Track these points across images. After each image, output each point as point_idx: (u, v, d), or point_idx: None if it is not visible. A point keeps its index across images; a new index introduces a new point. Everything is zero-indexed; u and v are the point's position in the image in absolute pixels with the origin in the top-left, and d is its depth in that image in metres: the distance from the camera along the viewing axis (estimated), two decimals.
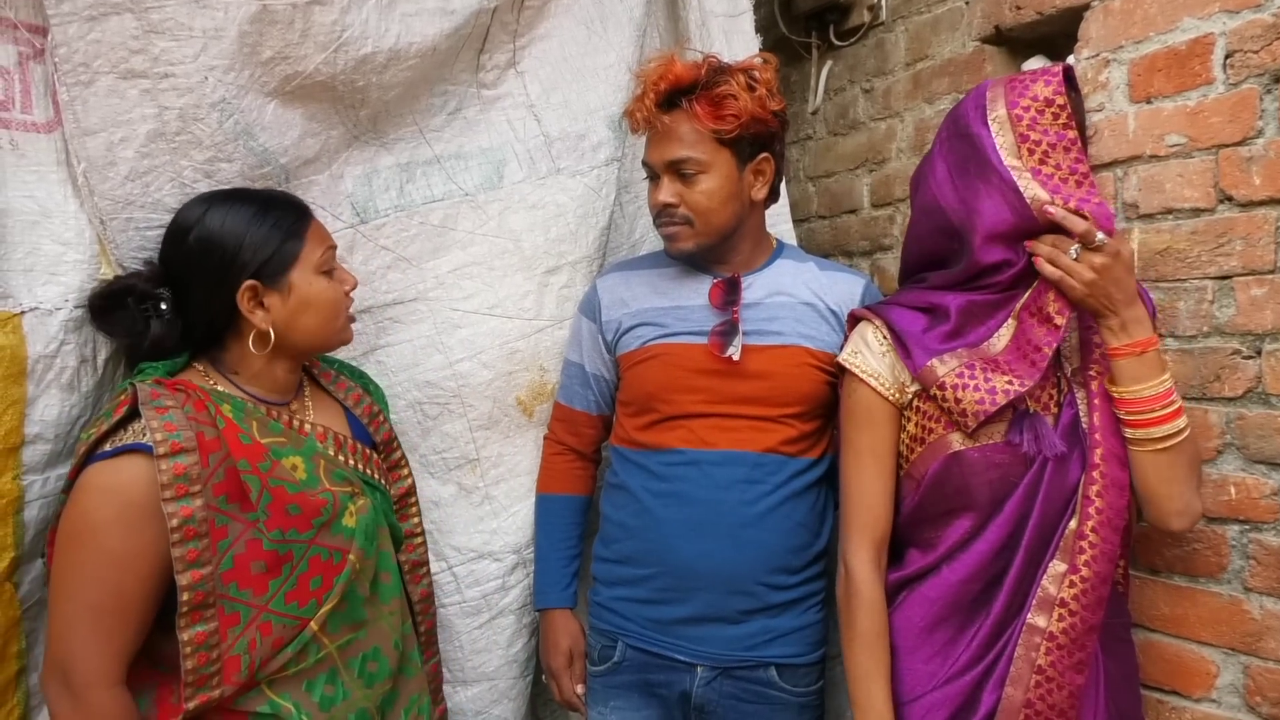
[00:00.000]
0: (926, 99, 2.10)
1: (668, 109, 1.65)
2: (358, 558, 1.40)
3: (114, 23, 1.40)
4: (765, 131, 1.68)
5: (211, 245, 1.38)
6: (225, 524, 1.27)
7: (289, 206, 1.46)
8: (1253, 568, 1.44)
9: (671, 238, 1.71)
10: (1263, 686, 1.43)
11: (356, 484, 1.46)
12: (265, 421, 1.40)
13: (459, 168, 1.87)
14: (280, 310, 1.41)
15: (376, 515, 1.48)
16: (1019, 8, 1.84)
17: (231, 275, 1.38)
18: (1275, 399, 1.41)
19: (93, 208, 1.44)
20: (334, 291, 1.47)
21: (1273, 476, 1.42)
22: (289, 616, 1.32)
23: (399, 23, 1.67)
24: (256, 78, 1.54)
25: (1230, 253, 1.47)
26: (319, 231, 1.47)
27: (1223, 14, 1.46)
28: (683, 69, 1.64)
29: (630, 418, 1.78)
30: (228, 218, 1.39)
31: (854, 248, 2.34)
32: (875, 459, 1.55)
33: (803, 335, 1.71)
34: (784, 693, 1.71)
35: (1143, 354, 1.37)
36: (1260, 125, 1.42)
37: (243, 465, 1.29)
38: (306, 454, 1.40)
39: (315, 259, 1.44)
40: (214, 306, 1.39)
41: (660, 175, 1.68)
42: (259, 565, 1.29)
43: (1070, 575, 1.38)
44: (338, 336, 1.51)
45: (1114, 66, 1.63)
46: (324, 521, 1.37)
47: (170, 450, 1.23)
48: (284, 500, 1.32)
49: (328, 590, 1.36)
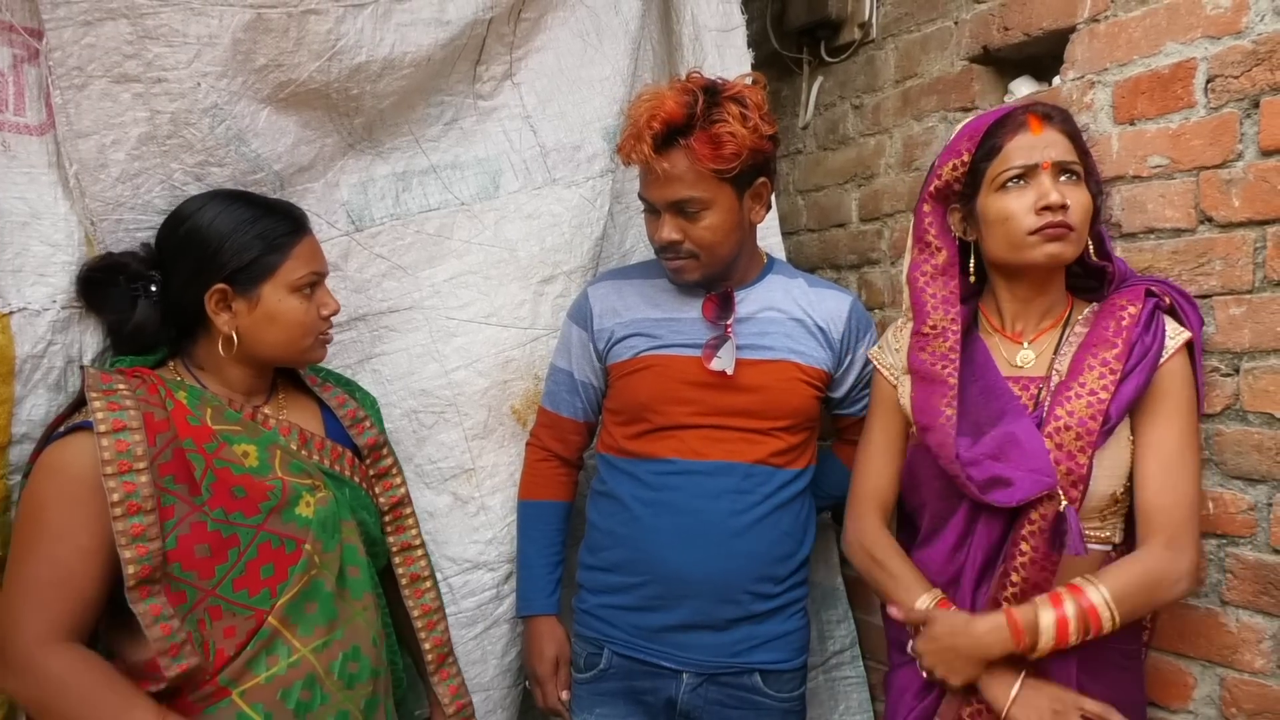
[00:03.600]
0: (915, 116, 2.12)
1: (664, 149, 1.60)
2: (315, 549, 1.39)
3: (109, 28, 1.42)
4: (763, 158, 1.67)
5: (196, 240, 1.41)
6: (171, 504, 1.28)
7: (284, 219, 1.46)
8: (1230, 581, 1.47)
9: (678, 271, 1.71)
10: (1238, 698, 1.45)
11: (317, 476, 1.45)
12: (221, 409, 1.41)
13: (455, 177, 1.88)
14: (244, 318, 1.42)
15: (338, 508, 1.46)
16: (1006, 29, 1.87)
17: (206, 274, 1.40)
18: (1252, 416, 1.44)
19: (83, 209, 1.45)
20: (305, 313, 1.45)
21: (1249, 492, 1.45)
22: (239, 605, 1.31)
23: (394, 32, 1.68)
24: (250, 84, 1.55)
25: (1210, 272, 1.50)
26: (308, 251, 1.47)
27: (1205, 39, 1.50)
28: (675, 105, 1.58)
29: (620, 426, 1.79)
30: (220, 216, 1.41)
31: (842, 261, 2.36)
32: (884, 437, 1.64)
33: (792, 350, 1.73)
34: (768, 698, 1.73)
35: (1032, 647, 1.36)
36: (1240, 149, 1.45)
37: (188, 445, 1.31)
38: (262, 443, 1.41)
39: (293, 277, 1.43)
40: (187, 299, 1.41)
41: (662, 213, 1.66)
42: (203, 548, 1.29)
43: (1004, 593, 1.42)
44: (303, 355, 1.50)
45: (1099, 88, 1.66)
46: (272, 506, 1.35)
47: (112, 428, 1.25)
48: (229, 482, 1.33)
49: (283, 580, 1.34)
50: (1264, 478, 1.43)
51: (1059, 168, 1.41)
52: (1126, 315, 1.42)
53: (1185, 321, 1.45)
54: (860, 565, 1.62)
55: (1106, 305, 1.47)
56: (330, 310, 1.50)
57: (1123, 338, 1.40)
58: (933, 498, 1.54)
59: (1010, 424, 1.43)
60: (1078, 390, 1.40)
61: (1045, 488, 1.37)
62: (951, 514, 1.51)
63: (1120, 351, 1.39)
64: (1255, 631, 1.43)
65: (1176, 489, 1.38)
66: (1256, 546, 1.44)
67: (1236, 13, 1.45)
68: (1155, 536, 1.37)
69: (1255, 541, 1.44)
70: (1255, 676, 1.43)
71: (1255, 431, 1.44)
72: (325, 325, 1.51)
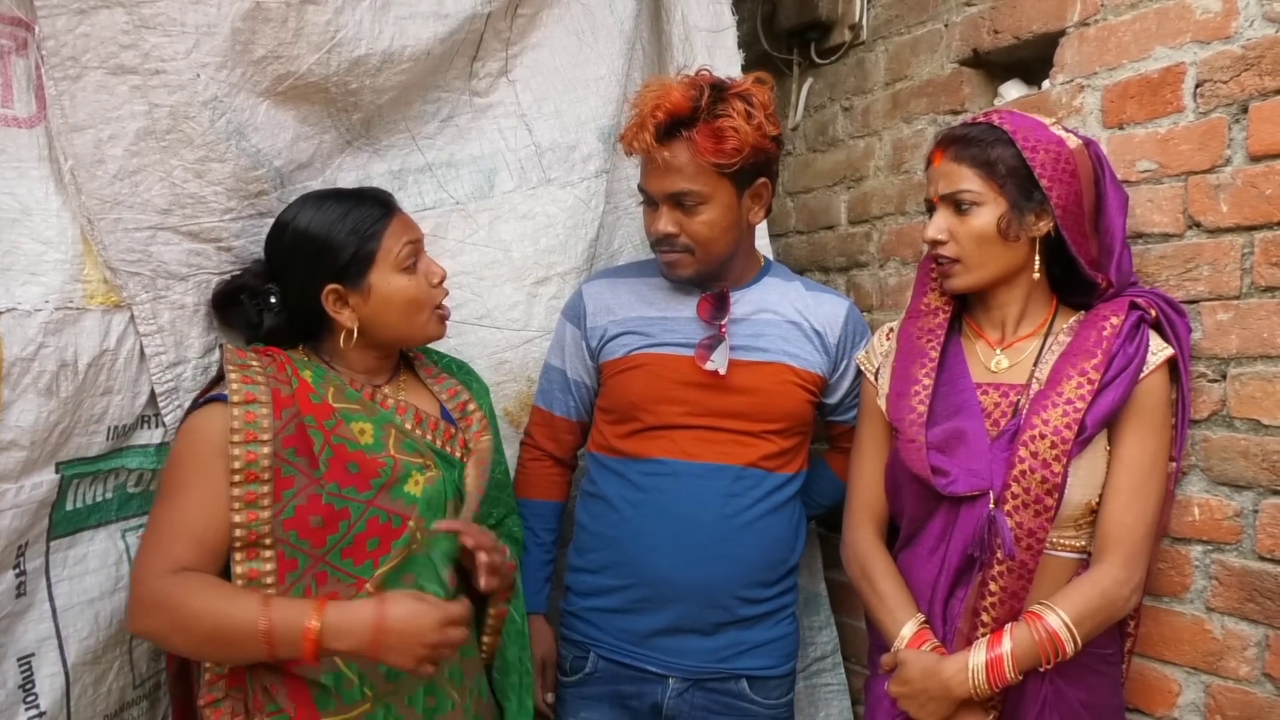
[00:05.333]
0: (905, 118, 2.12)
1: (666, 139, 1.60)
2: (418, 525, 1.44)
3: (104, 16, 1.39)
4: (764, 158, 1.66)
5: (299, 247, 1.48)
6: (291, 474, 1.37)
7: (373, 206, 1.51)
8: (1215, 588, 1.47)
9: (672, 265, 1.71)
10: (1223, 705, 1.46)
11: (429, 456, 1.51)
12: (343, 389, 1.48)
13: (450, 176, 1.87)
14: (363, 309, 1.48)
15: (445, 487, 1.50)
16: (996, 32, 1.87)
17: (316, 277, 1.47)
18: (1239, 422, 1.45)
19: (79, 206, 1.41)
20: (416, 287, 1.50)
21: (1235, 499, 1.45)
22: (344, 572, 1.39)
23: (393, 25, 1.67)
24: (249, 76, 1.53)
25: (1198, 278, 1.50)
26: (399, 227, 1.51)
27: (1194, 44, 1.50)
28: (680, 97, 1.58)
29: (610, 425, 1.78)
30: (314, 219, 1.47)
31: (831, 264, 2.36)
32: (874, 445, 1.66)
33: (787, 353, 1.73)
34: (754, 705, 1.72)
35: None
36: (1228, 154, 1.46)
37: (309, 420, 1.40)
38: (378, 422, 1.48)
39: (393, 257, 1.48)
40: (307, 302, 1.49)
41: (659, 204, 1.66)
42: (317, 519, 1.37)
43: (983, 602, 1.44)
44: (422, 331, 1.55)
45: (1088, 92, 1.66)
46: (382, 483, 1.42)
47: (244, 400, 1.37)
48: (344, 458, 1.41)
49: (384, 553, 1.41)
50: (1250, 484, 1.43)
51: (947, 201, 1.48)
52: (1108, 326, 1.44)
53: (1172, 333, 1.47)
54: (852, 577, 1.65)
55: (1091, 315, 1.49)
56: (438, 277, 1.55)
57: (1102, 348, 1.42)
58: (911, 500, 1.55)
59: (963, 420, 1.48)
60: (1054, 399, 1.42)
61: (977, 487, 1.43)
62: (929, 517, 1.52)
63: (1099, 362, 1.41)
64: (1240, 638, 1.44)
65: (1142, 508, 1.42)
66: (1242, 553, 1.44)
67: (1226, 18, 1.46)
68: (1113, 553, 1.42)
69: (1241, 548, 1.44)
70: (1240, 684, 1.44)
71: (1241, 438, 1.44)
72: (439, 294, 1.55)
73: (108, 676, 1.48)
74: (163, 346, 1.50)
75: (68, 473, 1.40)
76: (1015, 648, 1.38)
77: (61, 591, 1.42)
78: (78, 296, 1.42)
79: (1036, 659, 1.38)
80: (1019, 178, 1.44)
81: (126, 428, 1.49)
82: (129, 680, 1.52)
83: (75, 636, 1.43)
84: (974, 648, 1.41)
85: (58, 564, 1.42)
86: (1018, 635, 1.39)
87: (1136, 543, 1.42)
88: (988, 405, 1.51)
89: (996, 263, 1.49)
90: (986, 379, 1.53)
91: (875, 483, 1.64)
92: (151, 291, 1.48)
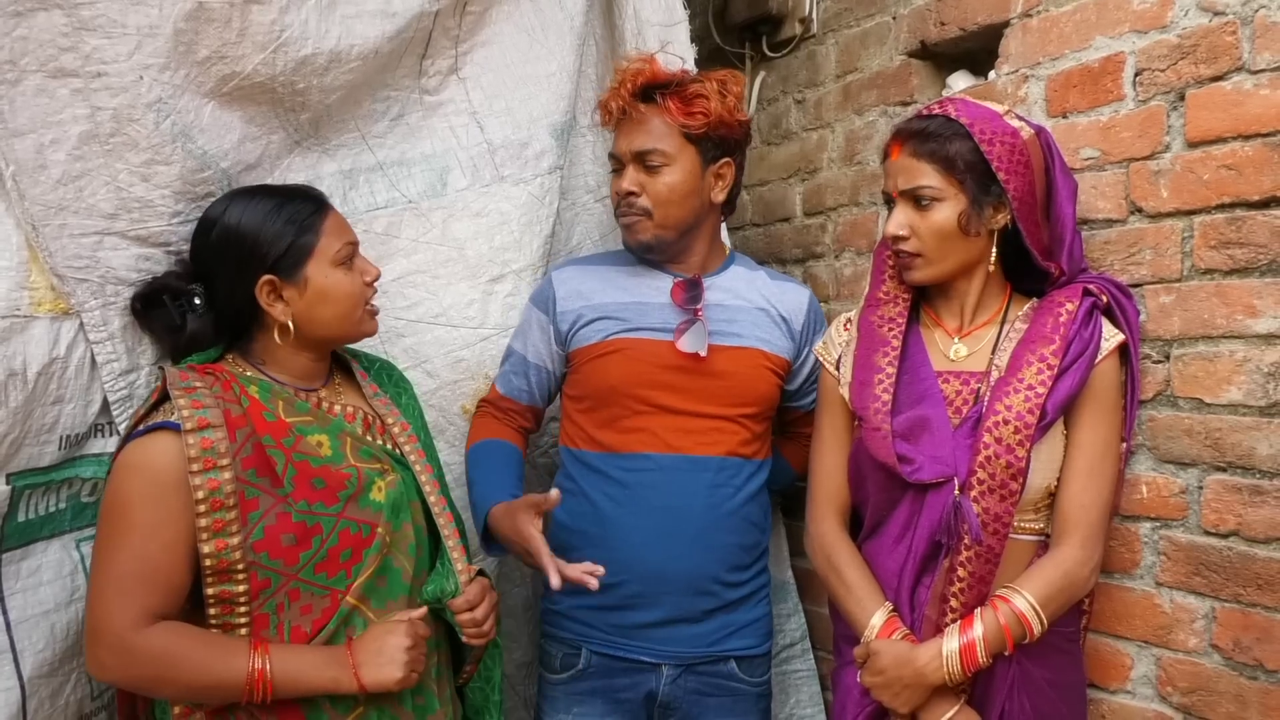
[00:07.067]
0: (856, 110, 2.15)
1: (642, 100, 1.72)
2: (385, 530, 1.44)
3: (41, 19, 1.36)
4: (730, 137, 1.76)
5: (231, 241, 1.43)
6: (255, 496, 1.34)
7: (306, 200, 1.49)
8: (1163, 563, 1.51)
9: (630, 228, 1.75)
10: (1173, 677, 1.50)
11: (385, 460, 1.50)
12: (292, 401, 1.45)
13: (402, 175, 1.86)
14: (298, 303, 1.45)
15: (406, 490, 1.51)
16: (943, 24, 1.89)
17: (250, 270, 1.43)
18: (1183, 402, 1.48)
19: (23, 213, 1.38)
20: (351, 284, 1.49)
21: (1180, 476, 1.49)
22: (318, 586, 1.38)
23: (340, 24, 1.65)
24: (193, 77, 1.51)
25: (1141, 262, 1.54)
26: (336, 224, 1.50)
27: (1132, 33, 1.53)
28: (660, 69, 1.74)
29: (585, 414, 1.78)
30: (246, 212, 1.44)
31: (787, 255, 2.38)
32: (834, 436, 1.66)
33: (760, 339, 1.77)
34: (743, 683, 1.77)
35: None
36: (1167, 140, 1.49)
37: (267, 441, 1.36)
38: (333, 432, 1.45)
39: (331, 252, 1.46)
40: (237, 299, 1.44)
41: (626, 165, 1.73)
42: (289, 537, 1.35)
43: (951, 588, 1.46)
44: (357, 328, 1.53)
45: (1032, 82, 1.69)
46: (350, 495, 1.41)
47: (197, 425, 1.31)
48: (309, 474, 1.38)
49: (357, 562, 1.41)
50: (1194, 461, 1.47)
51: (906, 196, 1.50)
52: (1064, 312, 1.47)
53: (1123, 318, 1.50)
54: (819, 568, 1.66)
55: (1045, 302, 1.52)
56: (373, 276, 1.54)
57: (1060, 334, 1.45)
58: (875, 489, 1.57)
59: (926, 408, 1.50)
60: (1016, 385, 1.44)
61: (942, 474, 1.45)
62: (894, 505, 1.54)
63: (1058, 348, 1.44)
64: (1188, 611, 1.48)
65: (1098, 490, 1.46)
66: (1188, 529, 1.48)
67: (1162, 7, 1.49)
68: (1072, 535, 1.45)
69: (1187, 524, 1.48)
70: (1189, 655, 1.48)
71: (1185, 416, 1.48)
72: (371, 293, 1.54)
73: (65, 689, 1.46)
74: (114, 354, 1.48)
75: (19, 484, 1.38)
76: (987, 632, 1.40)
77: (16, 604, 1.40)
78: (24, 304, 1.39)
79: (1005, 642, 1.40)
80: (977, 173, 1.46)
81: (79, 436, 1.47)
82: (86, 692, 1.50)
83: (31, 649, 1.40)
84: (946, 634, 1.43)
85: (11, 576, 1.40)
86: (988, 619, 1.41)
87: (1094, 524, 1.45)
88: (949, 393, 1.53)
89: (956, 256, 1.51)
90: (946, 367, 1.56)
91: (837, 473, 1.65)
92: (100, 298, 1.46)
